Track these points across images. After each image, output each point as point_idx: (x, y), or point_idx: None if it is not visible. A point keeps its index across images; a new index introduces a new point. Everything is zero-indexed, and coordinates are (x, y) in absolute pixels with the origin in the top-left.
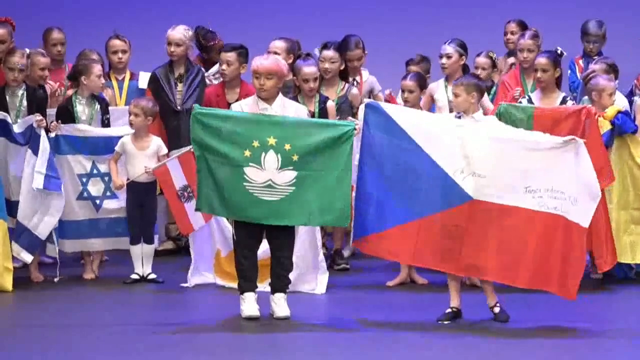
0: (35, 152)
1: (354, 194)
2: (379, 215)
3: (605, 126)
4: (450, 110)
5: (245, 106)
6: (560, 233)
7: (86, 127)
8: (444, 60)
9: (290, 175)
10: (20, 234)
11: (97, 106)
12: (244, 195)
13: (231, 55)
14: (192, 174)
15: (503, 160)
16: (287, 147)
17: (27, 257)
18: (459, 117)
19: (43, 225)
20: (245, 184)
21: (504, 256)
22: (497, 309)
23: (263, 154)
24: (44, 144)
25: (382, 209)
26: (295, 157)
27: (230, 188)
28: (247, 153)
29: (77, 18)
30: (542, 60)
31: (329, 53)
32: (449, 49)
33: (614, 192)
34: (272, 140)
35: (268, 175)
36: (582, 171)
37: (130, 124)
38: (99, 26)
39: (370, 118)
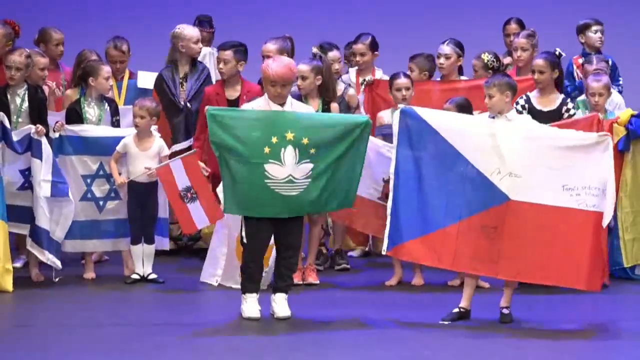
0: (41, 159)
1: (390, 203)
2: (417, 222)
3: (619, 132)
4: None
5: (257, 107)
6: (598, 229)
7: (90, 127)
8: (442, 60)
9: (307, 167)
10: (47, 240)
11: (107, 107)
12: (265, 192)
13: (228, 54)
14: (195, 176)
15: (538, 159)
16: (305, 140)
17: (58, 262)
18: (493, 118)
19: (59, 229)
20: (266, 181)
21: (543, 257)
22: (506, 311)
23: (282, 149)
24: (47, 151)
25: (419, 214)
26: (312, 151)
27: (250, 185)
28: (267, 150)
29: (74, 18)
30: (539, 61)
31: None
32: (448, 49)
33: (630, 197)
34: (290, 135)
35: (288, 170)
36: (607, 166)
37: (136, 126)
38: (97, 26)
39: (405, 123)
